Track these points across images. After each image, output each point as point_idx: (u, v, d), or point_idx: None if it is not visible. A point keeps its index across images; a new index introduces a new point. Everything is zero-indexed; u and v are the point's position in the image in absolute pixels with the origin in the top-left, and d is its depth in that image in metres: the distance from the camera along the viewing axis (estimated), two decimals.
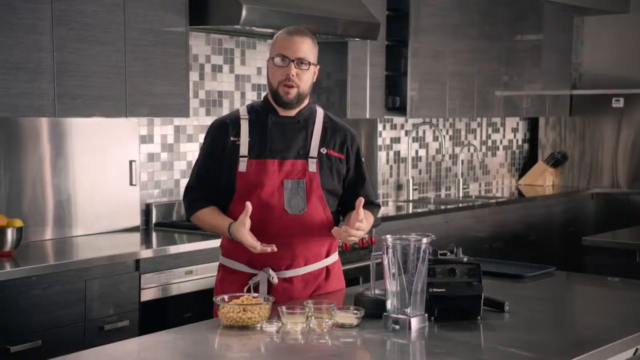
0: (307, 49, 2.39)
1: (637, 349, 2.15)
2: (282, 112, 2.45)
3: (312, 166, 2.43)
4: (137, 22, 3.33)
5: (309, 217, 2.41)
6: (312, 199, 2.42)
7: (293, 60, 2.37)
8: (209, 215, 2.46)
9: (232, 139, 2.43)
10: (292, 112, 2.46)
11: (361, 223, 2.34)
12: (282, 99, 2.41)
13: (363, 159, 2.55)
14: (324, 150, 2.46)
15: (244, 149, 2.41)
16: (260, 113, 2.47)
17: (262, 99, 2.53)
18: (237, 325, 2.09)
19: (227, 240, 2.49)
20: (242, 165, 2.41)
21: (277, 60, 2.38)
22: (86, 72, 3.17)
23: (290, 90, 2.39)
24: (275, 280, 2.41)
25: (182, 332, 2.12)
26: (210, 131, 2.50)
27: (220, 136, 2.45)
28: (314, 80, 2.46)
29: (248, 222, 2.33)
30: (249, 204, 2.33)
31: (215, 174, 2.45)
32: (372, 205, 2.54)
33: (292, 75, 2.37)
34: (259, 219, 2.37)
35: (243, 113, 2.47)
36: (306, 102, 2.48)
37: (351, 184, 2.52)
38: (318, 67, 2.45)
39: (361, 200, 2.35)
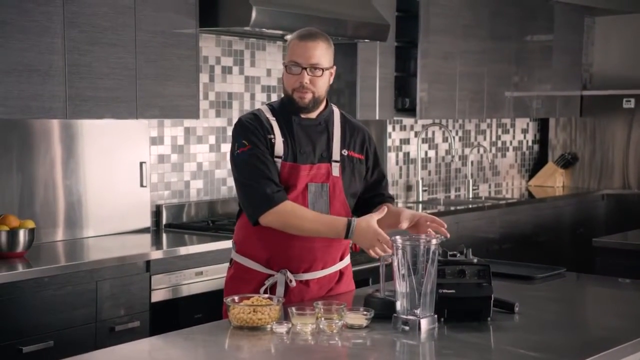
0: (320, 53, 2.35)
1: None
2: (304, 115, 2.43)
3: (336, 170, 2.42)
4: (148, 24, 3.35)
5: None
6: (334, 203, 2.42)
7: (306, 68, 2.35)
8: (310, 210, 2.32)
9: (268, 135, 2.38)
10: (313, 115, 2.44)
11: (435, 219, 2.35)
12: (298, 104, 2.39)
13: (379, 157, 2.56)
14: (345, 152, 2.45)
15: (279, 149, 2.37)
16: (283, 115, 2.43)
17: (276, 100, 2.51)
18: (247, 326, 2.10)
19: (244, 237, 2.45)
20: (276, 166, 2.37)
21: (291, 67, 2.36)
22: (97, 74, 3.19)
23: (305, 95, 2.37)
24: (294, 283, 2.40)
25: (193, 333, 2.13)
26: (249, 126, 2.37)
27: (260, 130, 2.37)
28: (331, 82, 2.43)
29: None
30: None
31: (275, 165, 2.36)
32: (389, 199, 2.56)
33: (306, 83, 2.35)
34: None
35: (268, 114, 2.42)
36: (324, 104, 2.46)
37: (372, 184, 2.52)
38: (334, 68, 2.42)
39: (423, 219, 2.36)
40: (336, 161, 2.43)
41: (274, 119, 2.41)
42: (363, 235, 2.27)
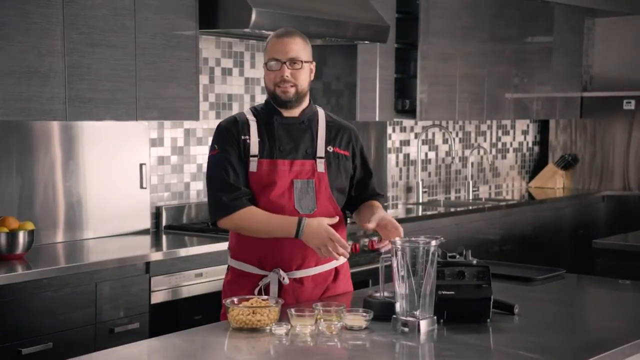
0: (298, 48, 2.41)
1: None
2: (286, 113, 2.47)
3: (321, 166, 2.44)
4: (148, 26, 3.35)
5: (320, 217, 2.40)
6: (321, 198, 2.44)
7: (285, 62, 2.39)
8: (262, 213, 2.37)
9: (243, 137, 2.43)
10: (296, 113, 2.47)
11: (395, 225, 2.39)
12: (281, 99, 2.43)
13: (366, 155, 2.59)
14: (330, 149, 2.48)
15: (254, 149, 2.42)
16: (265, 115, 2.48)
17: (264, 102, 2.55)
18: (247, 327, 2.10)
19: (236, 242, 2.49)
20: (253, 165, 2.41)
21: (270, 64, 2.40)
22: (97, 76, 3.19)
23: (288, 89, 2.41)
24: (287, 281, 2.41)
25: (192, 335, 2.13)
26: (223, 130, 2.46)
27: (234, 133, 2.44)
28: (312, 78, 2.48)
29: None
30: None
31: (245, 171, 2.41)
32: (378, 196, 2.60)
33: (287, 76, 2.39)
34: None
35: (249, 115, 2.48)
36: (307, 101, 2.50)
37: (359, 181, 2.55)
38: (314, 63, 2.47)
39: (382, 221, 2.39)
40: (321, 157, 2.45)
41: (254, 119, 2.46)
42: (313, 235, 2.32)
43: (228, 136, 2.44)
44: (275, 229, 2.37)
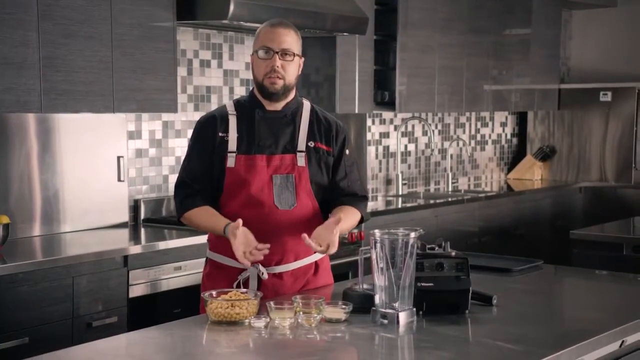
0: (291, 40, 2.39)
1: (623, 341, 2.16)
2: (269, 107, 2.45)
3: (301, 160, 2.43)
4: (124, 17, 3.32)
5: (299, 212, 2.40)
6: (301, 193, 2.42)
7: (277, 52, 2.37)
8: (204, 215, 2.42)
9: (220, 134, 2.42)
10: (279, 106, 2.45)
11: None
12: (268, 90, 2.40)
13: (347, 152, 2.50)
14: (312, 144, 2.46)
15: (232, 145, 2.41)
16: (247, 108, 2.46)
17: (248, 94, 2.53)
18: (225, 320, 2.09)
19: (215, 235, 2.48)
20: (231, 161, 2.40)
21: (261, 52, 2.38)
22: (73, 68, 3.16)
23: (277, 81, 2.38)
24: (266, 276, 2.40)
25: (171, 328, 2.11)
26: (199, 126, 2.49)
27: (209, 131, 2.44)
28: (300, 73, 2.46)
29: (241, 232, 2.29)
30: (239, 221, 2.30)
31: (207, 169, 2.43)
32: (355, 198, 2.52)
33: (277, 67, 2.37)
34: (250, 215, 2.36)
35: (230, 109, 2.46)
36: (292, 95, 2.47)
37: (334, 178, 2.50)
38: (302, 59, 2.45)
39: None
40: (301, 151, 2.43)
41: (235, 113, 2.44)
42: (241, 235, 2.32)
43: (201, 133, 2.46)
44: (211, 225, 2.41)
